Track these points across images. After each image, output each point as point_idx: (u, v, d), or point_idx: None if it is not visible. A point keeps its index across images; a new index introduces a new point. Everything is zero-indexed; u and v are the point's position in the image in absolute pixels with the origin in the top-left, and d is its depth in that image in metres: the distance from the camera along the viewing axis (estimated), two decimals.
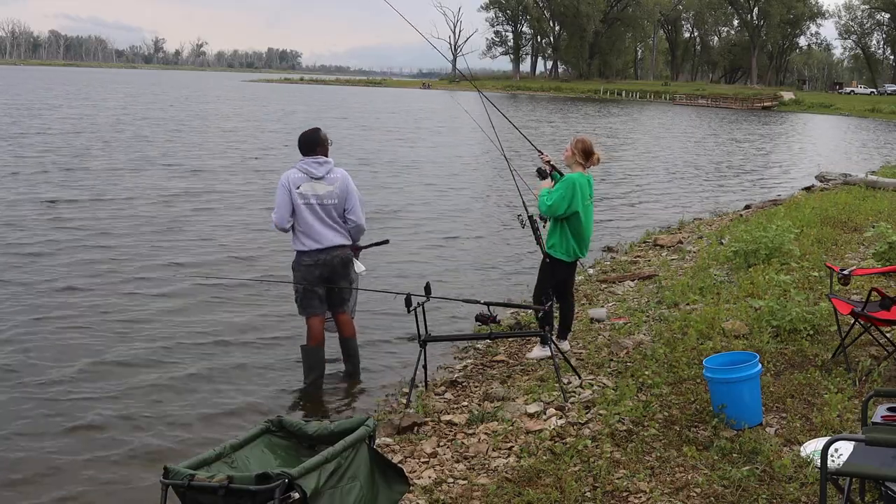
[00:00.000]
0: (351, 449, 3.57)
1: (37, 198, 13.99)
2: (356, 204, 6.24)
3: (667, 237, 12.69)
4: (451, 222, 14.06)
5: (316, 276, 6.19)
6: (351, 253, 6.36)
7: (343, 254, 6.24)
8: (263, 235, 11.59)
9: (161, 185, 16.22)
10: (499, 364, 6.79)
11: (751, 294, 7.67)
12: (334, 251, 6.18)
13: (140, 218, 12.81)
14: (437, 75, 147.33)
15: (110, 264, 9.89)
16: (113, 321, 7.78)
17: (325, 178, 6.11)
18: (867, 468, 3.18)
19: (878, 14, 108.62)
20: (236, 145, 25.25)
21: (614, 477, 4.23)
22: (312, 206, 6.08)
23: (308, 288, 6.20)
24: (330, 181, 6.12)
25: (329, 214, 6.13)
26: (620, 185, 20.03)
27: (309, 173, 6.09)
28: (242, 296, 8.78)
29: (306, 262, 6.17)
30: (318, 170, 6.11)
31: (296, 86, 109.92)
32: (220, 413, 5.93)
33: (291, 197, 6.06)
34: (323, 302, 6.31)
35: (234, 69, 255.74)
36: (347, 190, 6.18)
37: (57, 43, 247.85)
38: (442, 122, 42.37)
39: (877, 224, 10.61)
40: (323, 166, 6.13)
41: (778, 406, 5.06)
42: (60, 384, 6.26)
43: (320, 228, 6.11)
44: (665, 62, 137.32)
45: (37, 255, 10.15)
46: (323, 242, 6.12)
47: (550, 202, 6.25)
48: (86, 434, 5.52)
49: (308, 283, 6.19)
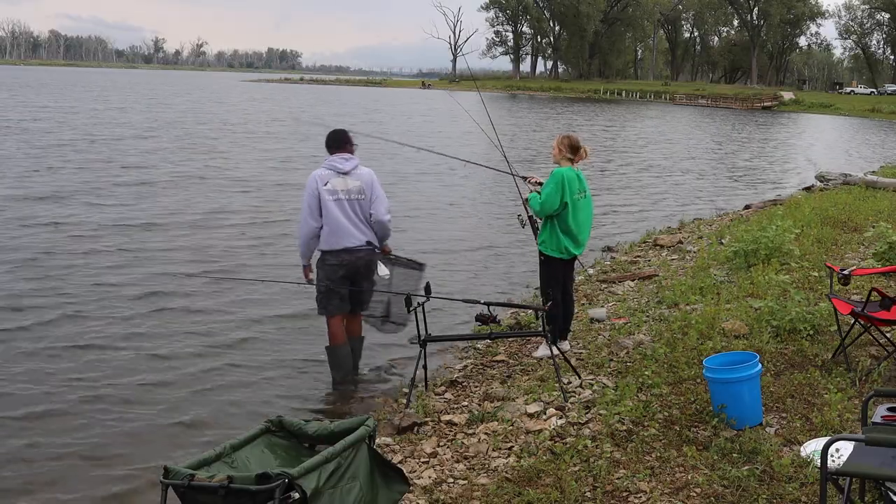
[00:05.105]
0: (351, 449, 3.57)
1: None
2: (379, 199, 6.19)
3: (667, 237, 12.69)
4: (450, 222, 14.06)
5: (340, 276, 6.19)
6: (379, 253, 6.31)
7: (368, 255, 6.21)
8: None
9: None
10: (499, 364, 6.78)
11: (751, 294, 7.67)
12: (359, 252, 6.16)
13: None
14: (437, 75, 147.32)
15: (122, 256, 9.91)
16: (112, 321, 7.79)
17: (352, 173, 6.15)
18: (867, 468, 3.18)
19: (878, 14, 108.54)
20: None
21: (614, 477, 4.23)
22: (341, 202, 6.09)
23: (330, 288, 6.19)
24: (356, 176, 6.15)
25: (356, 211, 6.13)
26: (620, 185, 20.03)
27: (336, 169, 6.13)
28: (243, 295, 8.78)
29: (331, 262, 6.16)
30: (345, 165, 6.14)
31: (305, 86, 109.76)
32: (220, 413, 5.93)
33: (319, 195, 6.08)
34: (344, 301, 6.31)
35: (234, 69, 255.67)
36: (372, 186, 6.18)
37: (57, 43, 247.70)
38: (443, 121, 42.35)
39: (877, 224, 10.60)
40: (349, 162, 6.17)
41: (778, 406, 5.05)
42: (60, 384, 6.26)
43: (347, 225, 6.10)
44: (665, 62, 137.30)
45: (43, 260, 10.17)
46: (349, 242, 6.09)
47: (542, 199, 6.26)
48: (85, 434, 5.52)
49: (332, 282, 6.18)
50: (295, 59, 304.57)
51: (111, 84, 77.70)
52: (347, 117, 40.14)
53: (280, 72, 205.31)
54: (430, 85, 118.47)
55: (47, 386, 6.22)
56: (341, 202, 6.10)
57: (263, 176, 18.39)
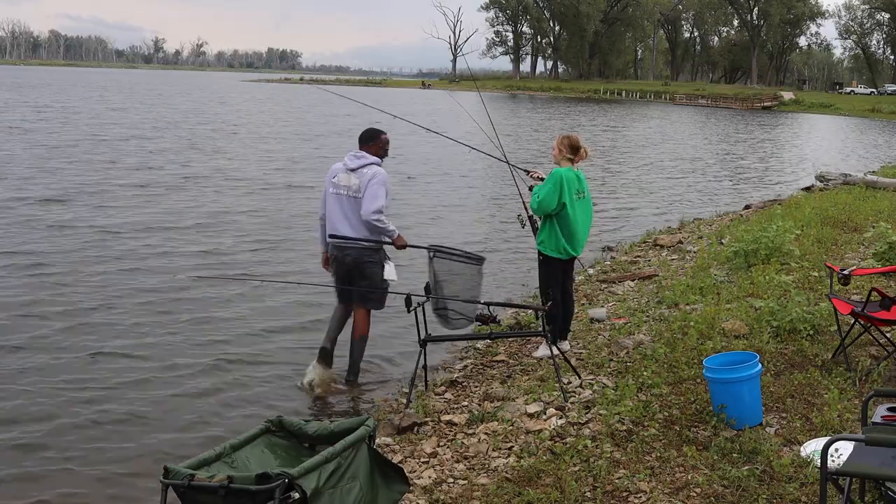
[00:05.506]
0: (351, 449, 3.57)
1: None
2: (368, 198, 6.15)
3: (667, 237, 12.69)
4: (450, 222, 14.05)
5: (334, 268, 6.38)
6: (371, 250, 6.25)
7: (357, 255, 6.23)
8: None
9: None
10: (499, 364, 6.79)
11: (751, 294, 7.67)
12: (347, 250, 6.22)
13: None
14: (437, 75, 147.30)
15: (120, 259, 9.91)
16: (113, 322, 7.79)
17: (357, 171, 6.23)
18: (867, 468, 3.18)
19: (878, 14, 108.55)
20: None
21: (614, 477, 4.23)
22: (340, 197, 6.24)
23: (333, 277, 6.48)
24: (359, 175, 6.23)
25: (351, 207, 6.21)
26: (620, 185, 20.03)
27: (346, 165, 6.28)
28: (244, 295, 8.78)
29: (329, 253, 6.42)
30: (353, 162, 6.26)
31: (305, 86, 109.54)
32: (220, 413, 5.94)
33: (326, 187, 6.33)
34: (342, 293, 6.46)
35: (234, 69, 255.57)
36: (367, 185, 6.18)
37: (57, 43, 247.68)
38: (444, 121, 42.34)
39: (877, 224, 10.60)
40: (359, 160, 6.26)
41: (778, 406, 5.06)
42: (59, 383, 6.26)
43: (336, 218, 6.24)
44: (665, 62, 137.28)
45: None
46: (335, 231, 6.24)
47: (540, 198, 6.27)
48: (85, 433, 5.53)
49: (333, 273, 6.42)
50: (295, 59, 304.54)
51: (112, 84, 77.69)
52: (348, 117, 40.12)
53: (280, 72, 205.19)
54: (430, 85, 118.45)
55: (47, 386, 6.21)
56: (340, 197, 6.23)
57: (268, 177, 18.39)
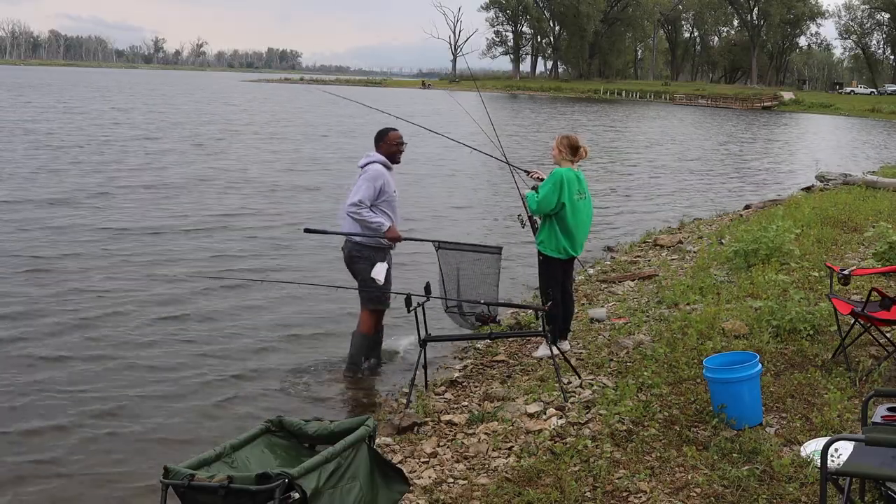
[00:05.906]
0: (351, 449, 3.57)
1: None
2: (353, 189, 6.37)
3: (667, 237, 12.69)
4: (450, 222, 14.05)
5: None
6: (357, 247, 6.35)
7: (348, 248, 6.42)
8: None
9: None
10: (499, 364, 6.79)
11: (751, 294, 7.67)
12: (344, 245, 6.46)
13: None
14: (437, 75, 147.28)
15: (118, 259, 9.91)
16: (113, 321, 7.79)
17: (362, 169, 6.41)
18: (867, 468, 3.18)
19: (878, 14, 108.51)
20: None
21: (614, 477, 4.23)
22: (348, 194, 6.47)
23: None
24: (360, 173, 6.40)
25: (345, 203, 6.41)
26: (620, 186, 20.03)
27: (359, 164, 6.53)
28: (245, 296, 8.78)
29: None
30: (361, 161, 6.48)
31: (305, 86, 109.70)
32: (220, 413, 5.94)
33: None
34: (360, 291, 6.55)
35: (234, 69, 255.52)
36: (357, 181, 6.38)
37: (57, 43, 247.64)
38: (445, 121, 42.36)
39: (877, 224, 10.61)
40: (365, 159, 6.46)
41: (778, 406, 5.06)
42: (59, 383, 6.27)
43: (340, 214, 6.50)
44: (665, 62, 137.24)
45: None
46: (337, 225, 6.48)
47: (539, 198, 6.28)
48: (85, 433, 5.52)
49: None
50: (295, 59, 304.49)
51: (113, 84, 77.70)
52: (348, 118, 40.13)
53: (280, 72, 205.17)
54: (430, 85, 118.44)
55: (48, 386, 6.21)
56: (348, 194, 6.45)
57: (272, 177, 18.38)
